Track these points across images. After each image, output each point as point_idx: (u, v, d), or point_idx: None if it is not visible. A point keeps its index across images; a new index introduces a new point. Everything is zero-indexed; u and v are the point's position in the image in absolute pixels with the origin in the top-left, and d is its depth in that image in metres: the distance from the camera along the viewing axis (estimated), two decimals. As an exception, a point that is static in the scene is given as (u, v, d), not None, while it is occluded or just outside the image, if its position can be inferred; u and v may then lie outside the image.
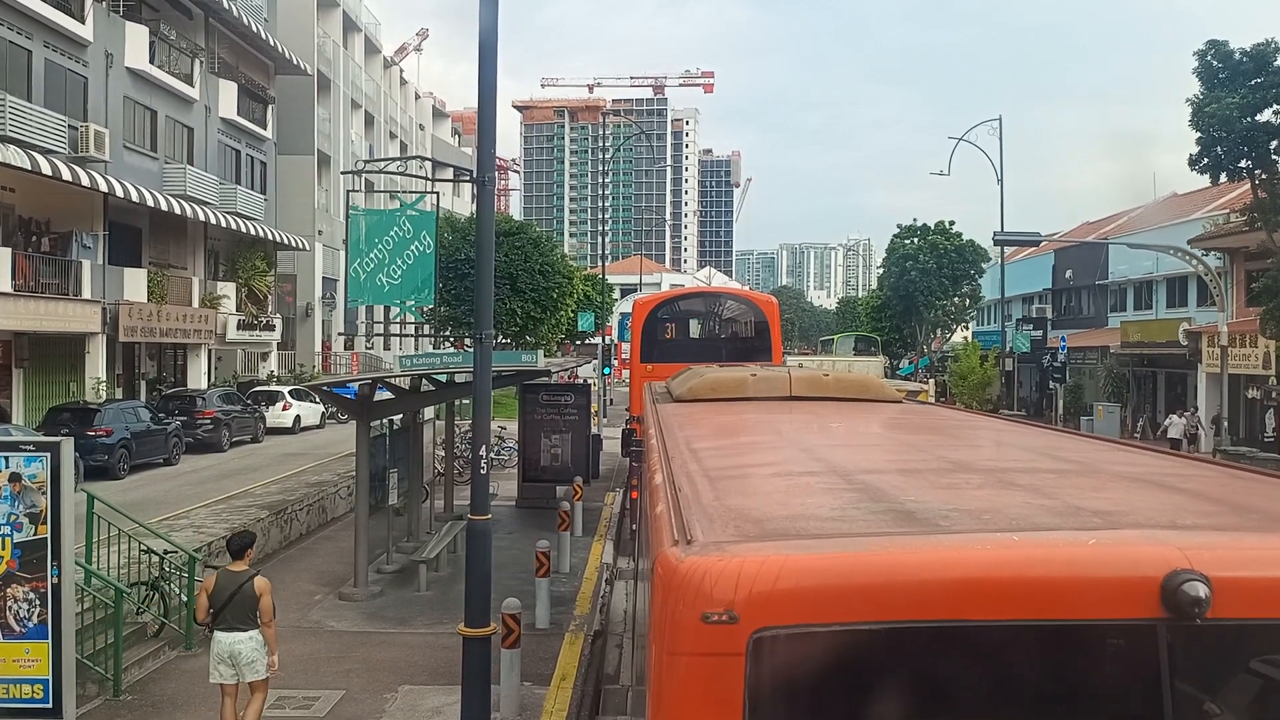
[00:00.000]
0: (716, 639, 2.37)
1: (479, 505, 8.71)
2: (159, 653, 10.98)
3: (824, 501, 3.27)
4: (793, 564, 2.44)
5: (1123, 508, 3.16)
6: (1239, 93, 24.24)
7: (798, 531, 2.78)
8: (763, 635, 2.37)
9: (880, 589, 2.40)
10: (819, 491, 3.47)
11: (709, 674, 2.39)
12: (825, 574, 2.44)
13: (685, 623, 2.40)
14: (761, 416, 6.50)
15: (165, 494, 19.31)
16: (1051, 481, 3.74)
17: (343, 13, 50.23)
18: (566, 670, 10.58)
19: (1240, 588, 2.40)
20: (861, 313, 78.30)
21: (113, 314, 27.18)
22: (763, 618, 2.37)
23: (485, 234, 8.94)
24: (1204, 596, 2.31)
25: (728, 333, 21.75)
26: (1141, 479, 3.88)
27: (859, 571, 2.44)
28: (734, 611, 2.37)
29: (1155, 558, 2.40)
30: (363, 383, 14.70)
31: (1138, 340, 39.29)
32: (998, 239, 30.42)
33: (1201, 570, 2.34)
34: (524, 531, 18.07)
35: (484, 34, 8.65)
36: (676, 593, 2.43)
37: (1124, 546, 2.55)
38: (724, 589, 2.38)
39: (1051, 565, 2.45)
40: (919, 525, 2.85)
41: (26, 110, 23.77)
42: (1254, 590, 2.42)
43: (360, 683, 10.26)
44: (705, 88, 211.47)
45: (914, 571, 2.44)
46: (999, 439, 5.69)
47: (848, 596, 2.39)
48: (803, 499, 3.36)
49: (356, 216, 14.12)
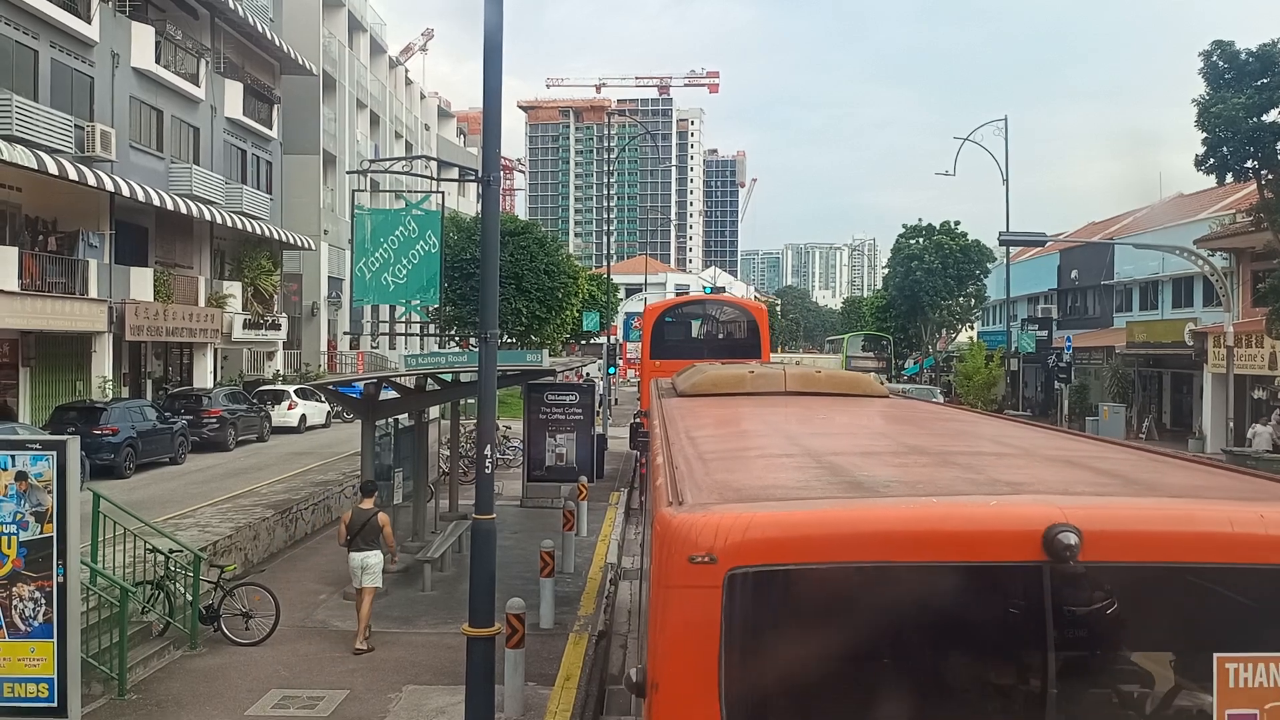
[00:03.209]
0: (699, 576, 3.08)
1: (484, 505, 8.72)
2: (164, 652, 10.99)
3: (793, 476, 4.11)
4: (759, 520, 3.15)
5: (1032, 480, 4.02)
6: (1245, 93, 24.20)
7: (766, 496, 3.60)
8: (735, 573, 3.08)
9: (826, 538, 3.14)
10: (791, 469, 4.28)
11: (694, 602, 3.09)
12: (783, 527, 3.16)
13: (676, 563, 3.12)
14: (755, 410, 7.15)
15: (171, 493, 19.35)
16: (986, 461, 4.59)
17: (348, 13, 50.27)
18: (571, 670, 10.58)
19: (1105, 538, 3.08)
20: (866, 313, 78.21)
21: (119, 313, 27.24)
22: (735, 559, 3.07)
23: (490, 234, 8.95)
24: (1074, 544, 3.00)
25: (724, 333, 24.52)
26: (1063, 460, 4.67)
27: (809, 525, 3.18)
28: (713, 554, 3.07)
29: (1040, 515, 3.10)
30: (368, 382, 14.72)
31: (1143, 340, 39.21)
32: (1003, 239, 30.35)
33: (1075, 524, 3.03)
34: (528, 531, 18.07)
35: (489, 34, 8.66)
36: (669, 541, 3.15)
37: (1017, 507, 3.31)
38: (706, 538, 3.08)
39: (960, 520, 3.20)
40: (864, 492, 3.73)
41: (33, 110, 23.83)
42: (1117, 540, 3.12)
43: (364, 682, 10.27)
44: (710, 88, 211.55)
45: (852, 525, 3.18)
46: (960, 429, 6.40)
47: (801, 544, 3.13)
48: (776, 474, 4.22)
49: (362, 216, 14.11)
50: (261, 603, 11.68)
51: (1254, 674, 3.14)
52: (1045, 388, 50.43)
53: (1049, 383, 47.00)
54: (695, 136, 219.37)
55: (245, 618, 11.57)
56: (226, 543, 14.42)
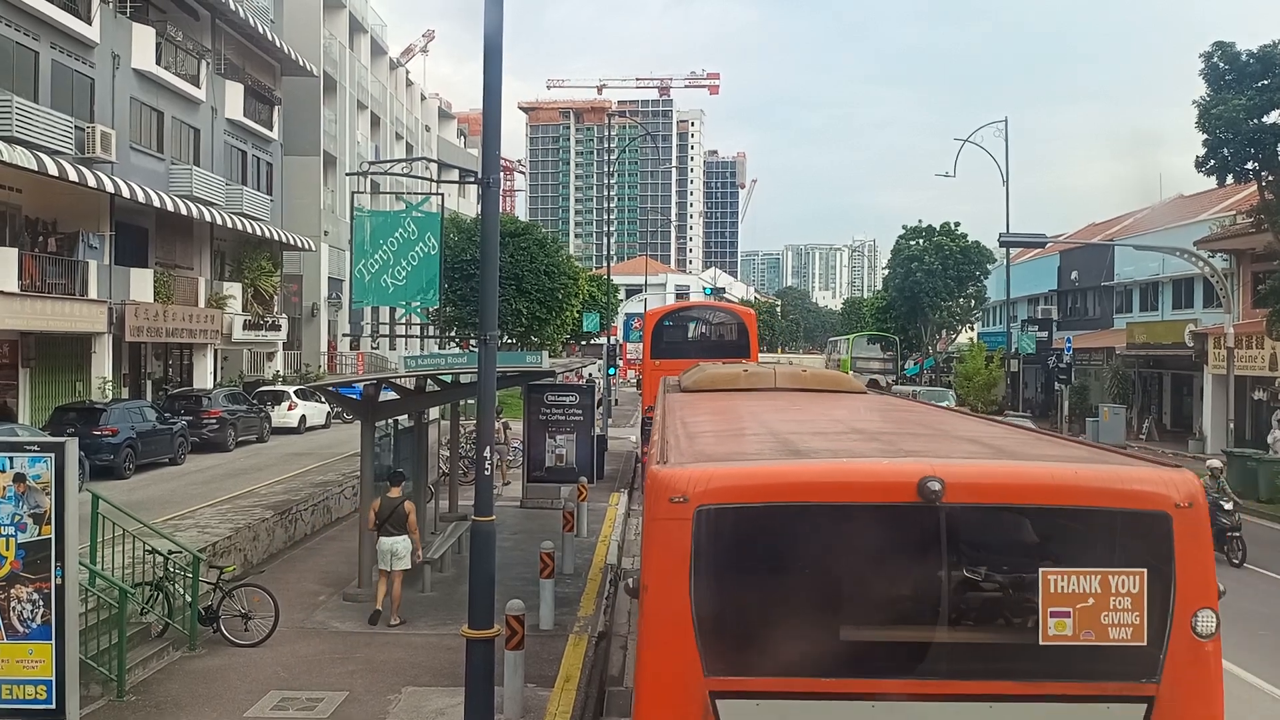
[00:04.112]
0: (677, 511, 4.49)
1: (483, 507, 8.70)
2: (163, 653, 10.97)
3: (752, 446, 5.80)
4: (719, 473, 4.66)
5: (926, 449, 5.48)
6: (1246, 94, 24.16)
7: (726, 459, 5.16)
8: (701, 509, 4.49)
9: (766, 486, 4.64)
10: (753, 442, 5.97)
11: (672, 530, 4.51)
12: (736, 478, 4.68)
13: (660, 502, 4.54)
14: (742, 402, 8.43)
15: (170, 494, 19.34)
16: (904, 439, 6.06)
17: (349, 14, 50.27)
18: (570, 672, 10.56)
19: (963, 485, 4.45)
20: (867, 314, 78.16)
21: (119, 314, 27.23)
22: (701, 500, 4.49)
23: (490, 236, 8.93)
24: (938, 489, 4.37)
25: (716, 335, 27.16)
26: (964, 438, 6.03)
27: (755, 477, 4.73)
28: (686, 496, 4.49)
29: (916, 470, 4.47)
30: (368, 383, 14.70)
31: (1144, 342, 39.15)
32: (1004, 240, 30.33)
33: (940, 476, 4.41)
34: (528, 532, 18.06)
35: (489, 35, 8.64)
36: (656, 487, 4.60)
37: (902, 464, 4.65)
38: (681, 485, 4.53)
39: (859, 474, 4.73)
40: (798, 456, 5.24)
41: (33, 111, 23.81)
42: (970, 488, 4.49)
43: (364, 684, 10.25)
44: (711, 89, 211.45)
45: (784, 478, 4.72)
46: (904, 417, 7.64)
47: (748, 490, 4.61)
48: (739, 445, 6.00)
49: (361, 218, 14.05)
50: (261, 604, 11.66)
51: (1068, 583, 4.42)
52: (1045, 389, 50.39)
53: (1049, 384, 46.95)
54: (695, 137, 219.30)
55: (244, 619, 11.54)
56: (226, 543, 14.40)
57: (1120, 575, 4.39)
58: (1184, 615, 4.41)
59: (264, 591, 11.78)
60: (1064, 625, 4.39)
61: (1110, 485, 4.55)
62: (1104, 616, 4.38)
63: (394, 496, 12.58)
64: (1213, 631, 4.47)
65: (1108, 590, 4.39)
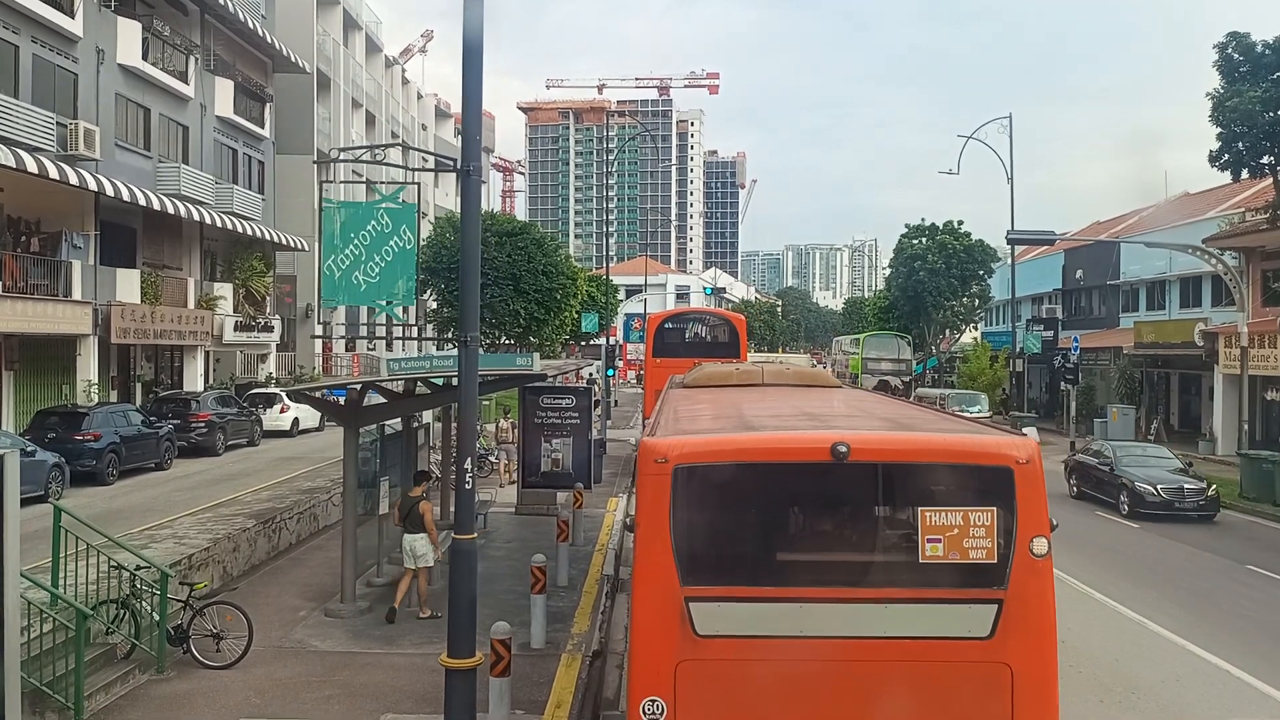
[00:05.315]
0: (660, 469, 6.01)
1: (464, 524, 8.04)
2: (128, 676, 10.27)
3: (719, 425, 7.58)
4: (690, 442, 6.30)
5: (849, 426, 7.26)
6: (1261, 86, 23.49)
7: (697, 433, 6.80)
8: (678, 468, 6.02)
9: (722, 450, 6.31)
10: (724, 424, 7.59)
11: (657, 485, 6.02)
12: (702, 444, 6.35)
13: (649, 462, 6.06)
14: (730, 395, 9.81)
15: (153, 500, 18.66)
16: (837, 419, 7.84)
17: (343, 10, 49.61)
18: (562, 697, 9.87)
19: (864, 448, 6.03)
20: (869, 313, 77.44)
21: (104, 315, 26.56)
22: (678, 461, 6.03)
23: (470, 228, 8.26)
24: (845, 450, 5.92)
25: (711, 337, 30.68)
26: (880, 417, 7.76)
27: (716, 444, 6.42)
28: (666, 458, 6.03)
29: (830, 438, 6.01)
30: (350, 387, 14.01)
31: (1151, 341, 38.44)
32: (1010, 238, 29.62)
33: (847, 442, 5.96)
34: (522, 540, 17.40)
35: (469, 22, 7.98)
36: (646, 452, 6.12)
37: (822, 434, 6.28)
38: (663, 450, 6.07)
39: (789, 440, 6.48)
40: (750, 430, 7.03)
41: (12, 107, 23.16)
42: (870, 450, 6.08)
43: (341, 710, 9.56)
44: (710, 89, 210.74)
45: (738, 444, 6.44)
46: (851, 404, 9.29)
47: (711, 454, 6.23)
48: (710, 424, 7.65)
49: (330, 210, 13.37)
50: (234, 622, 10.97)
51: (940, 518, 5.90)
52: (1051, 389, 49.71)
53: (1054, 384, 46.28)
54: (695, 137, 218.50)
55: (216, 639, 10.85)
56: (203, 555, 13.72)
57: (977, 512, 5.89)
58: (1024, 541, 5.86)
59: (237, 610, 11.08)
60: (937, 549, 5.87)
61: (970, 448, 6.22)
62: (966, 542, 5.87)
63: (413, 496, 12.77)
64: (1045, 552, 5.88)
65: (968, 523, 5.88)
